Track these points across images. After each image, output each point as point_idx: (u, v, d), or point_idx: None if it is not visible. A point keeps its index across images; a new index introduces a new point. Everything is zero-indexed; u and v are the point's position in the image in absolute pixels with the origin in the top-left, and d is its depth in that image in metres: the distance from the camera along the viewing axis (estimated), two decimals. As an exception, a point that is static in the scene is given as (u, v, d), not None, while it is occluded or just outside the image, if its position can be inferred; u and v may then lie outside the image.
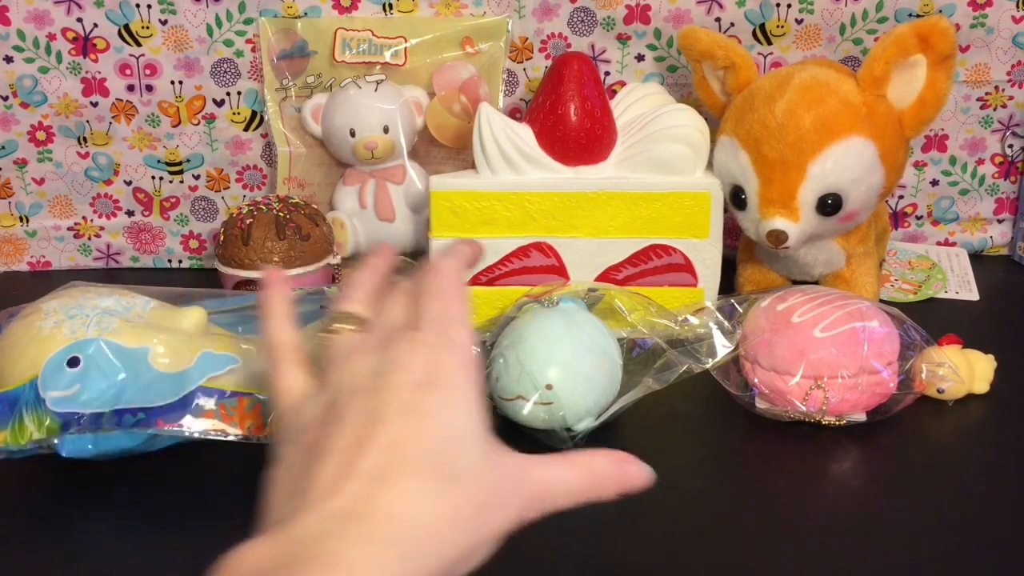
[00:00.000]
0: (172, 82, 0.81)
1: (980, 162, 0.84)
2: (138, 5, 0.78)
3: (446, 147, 0.79)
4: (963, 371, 0.60)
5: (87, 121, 0.82)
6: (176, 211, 0.86)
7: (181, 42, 0.79)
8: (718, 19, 0.79)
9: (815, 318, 0.59)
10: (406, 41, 0.80)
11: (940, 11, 0.77)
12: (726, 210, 0.70)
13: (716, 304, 0.66)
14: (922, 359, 0.59)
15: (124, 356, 0.51)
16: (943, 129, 0.83)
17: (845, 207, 0.66)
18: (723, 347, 0.62)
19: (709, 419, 0.61)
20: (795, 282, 0.75)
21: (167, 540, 0.49)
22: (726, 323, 0.62)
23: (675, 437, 0.59)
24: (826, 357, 0.57)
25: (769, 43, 0.80)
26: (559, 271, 0.69)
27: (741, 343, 0.61)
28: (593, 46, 0.81)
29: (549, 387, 0.54)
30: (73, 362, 0.51)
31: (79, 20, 0.78)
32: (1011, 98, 0.81)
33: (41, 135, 0.82)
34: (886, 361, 0.58)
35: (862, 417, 0.58)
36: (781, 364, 0.58)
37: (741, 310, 0.64)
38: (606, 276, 0.69)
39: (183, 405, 0.52)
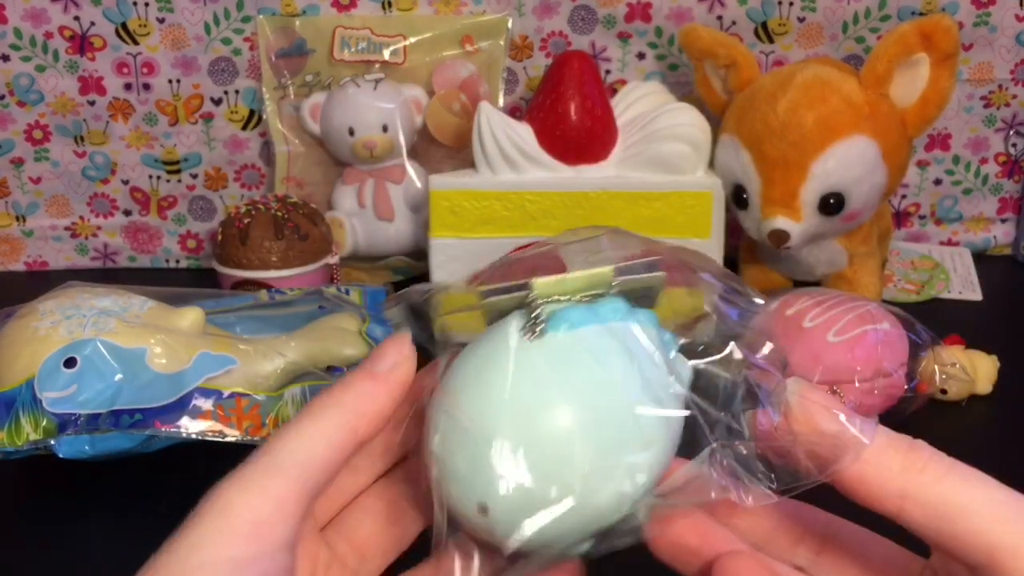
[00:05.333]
0: (170, 81, 0.80)
1: (983, 161, 0.84)
2: (135, 3, 0.78)
3: (445, 146, 0.79)
4: (967, 371, 0.60)
5: (84, 120, 0.81)
6: (174, 210, 0.85)
7: (179, 40, 0.79)
8: (720, 17, 0.78)
9: (826, 322, 0.58)
10: (405, 39, 0.79)
11: (943, 9, 0.77)
12: (728, 210, 0.69)
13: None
14: (933, 360, 0.59)
15: (121, 357, 0.51)
16: (946, 128, 0.82)
17: (847, 207, 0.66)
18: None
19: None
20: (797, 282, 0.74)
21: (164, 541, 0.49)
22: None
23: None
24: (842, 362, 0.56)
25: (771, 41, 0.79)
26: (559, 271, 0.69)
27: None
28: (594, 44, 0.80)
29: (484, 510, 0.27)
30: (70, 363, 0.50)
31: (76, 18, 0.78)
32: (1014, 97, 0.81)
33: (38, 134, 0.82)
34: (898, 363, 0.57)
35: (875, 421, 0.57)
36: (796, 371, 0.57)
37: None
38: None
39: (181, 406, 0.52)
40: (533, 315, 0.28)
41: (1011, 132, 0.83)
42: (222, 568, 0.25)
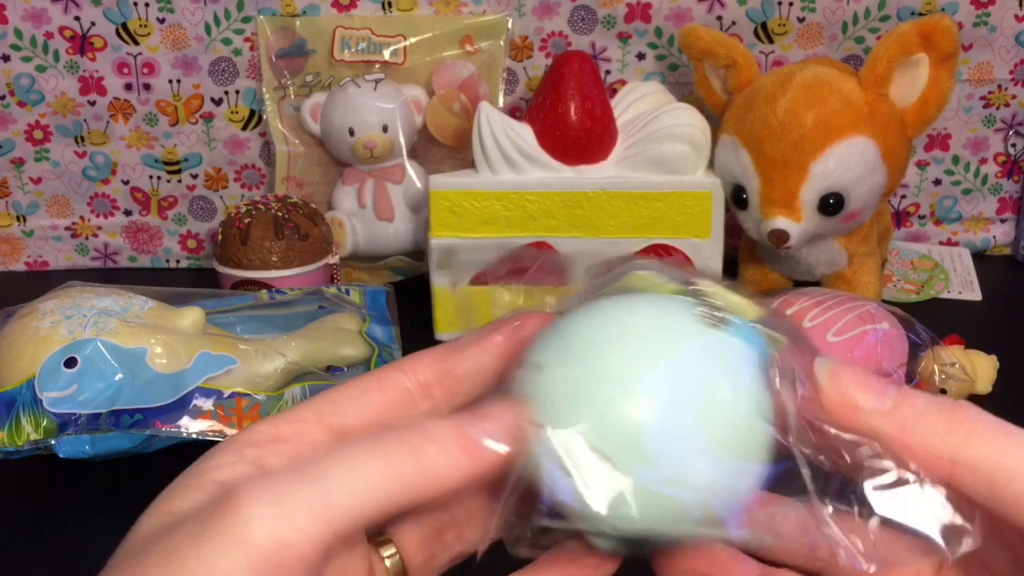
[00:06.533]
0: (170, 81, 0.80)
1: (983, 161, 0.84)
2: (136, 3, 0.78)
3: (446, 146, 0.79)
4: (966, 371, 0.60)
5: (84, 120, 0.81)
6: (174, 211, 0.85)
7: (179, 41, 0.79)
8: (719, 17, 0.78)
9: (826, 322, 0.58)
10: (405, 40, 0.80)
11: (943, 9, 0.77)
12: (727, 210, 0.69)
13: None
14: (932, 360, 0.59)
15: (121, 356, 0.51)
16: (946, 128, 0.82)
17: (847, 207, 0.66)
18: None
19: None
20: (797, 282, 0.74)
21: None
22: None
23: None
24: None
25: (771, 42, 0.79)
26: (559, 271, 0.69)
27: None
28: (594, 45, 0.80)
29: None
30: (70, 363, 0.50)
31: (76, 18, 0.78)
32: (1014, 97, 0.81)
33: (38, 134, 0.82)
34: (898, 363, 0.57)
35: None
36: None
37: None
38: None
39: (181, 406, 0.52)
40: (712, 306, 0.28)
41: (1010, 132, 0.83)
42: None
